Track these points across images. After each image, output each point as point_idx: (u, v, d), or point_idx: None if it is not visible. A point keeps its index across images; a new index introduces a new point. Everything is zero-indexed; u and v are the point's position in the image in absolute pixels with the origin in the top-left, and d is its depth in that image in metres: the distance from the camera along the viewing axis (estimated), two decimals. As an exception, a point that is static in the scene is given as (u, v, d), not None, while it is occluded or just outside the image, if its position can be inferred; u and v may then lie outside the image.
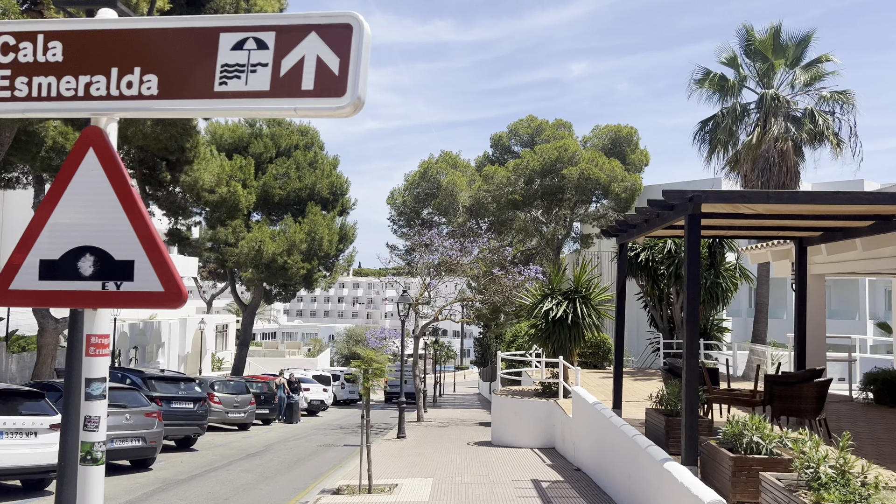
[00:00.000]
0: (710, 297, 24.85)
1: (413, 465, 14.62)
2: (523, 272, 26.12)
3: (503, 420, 17.60)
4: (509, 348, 25.49)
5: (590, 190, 38.45)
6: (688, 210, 7.88)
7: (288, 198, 36.74)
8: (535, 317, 18.09)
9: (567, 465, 13.83)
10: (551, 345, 17.79)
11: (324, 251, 35.20)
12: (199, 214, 33.50)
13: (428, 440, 19.88)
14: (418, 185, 41.33)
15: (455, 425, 25.37)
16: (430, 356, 57.38)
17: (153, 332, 42.60)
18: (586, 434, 12.66)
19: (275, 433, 23.69)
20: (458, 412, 34.08)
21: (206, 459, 16.43)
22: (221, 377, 26.88)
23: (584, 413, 12.84)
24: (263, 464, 16.01)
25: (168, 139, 19.18)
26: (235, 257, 34.54)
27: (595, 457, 11.84)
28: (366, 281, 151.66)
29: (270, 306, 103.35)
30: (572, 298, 17.61)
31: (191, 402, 17.83)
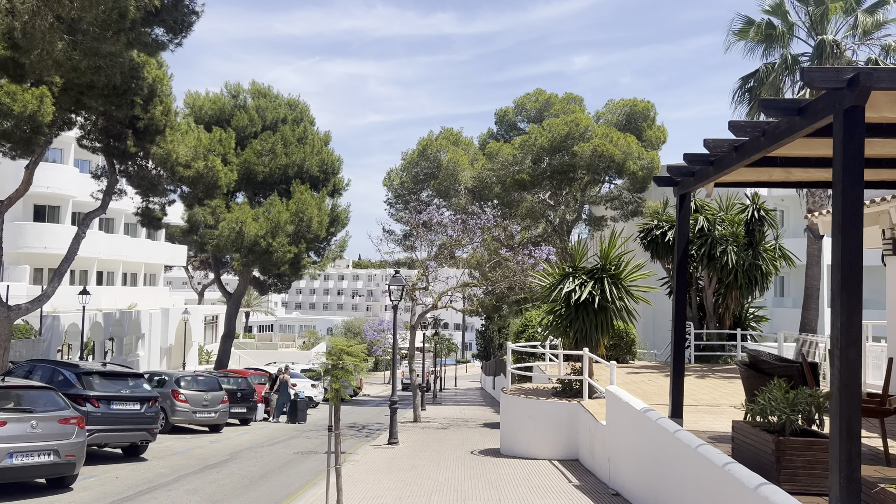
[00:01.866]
0: (748, 281, 21.77)
1: (403, 484, 11.54)
2: (534, 253, 22.99)
3: (515, 425, 14.52)
4: (518, 340, 22.38)
5: (603, 169, 35.27)
6: (843, 102, 4.76)
7: (273, 176, 33.62)
8: (554, 301, 14.99)
9: (600, 488, 10.75)
10: (573, 334, 14.69)
11: (313, 233, 32.08)
12: (175, 192, 30.38)
13: (424, 447, 16.82)
14: (417, 164, 38.13)
15: (456, 427, 22.31)
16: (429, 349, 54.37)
17: (132, 323, 39.55)
18: (631, 449, 9.58)
19: (250, 436, 20.64)
20: (460, 410, 31.02)
21: (151, 474, 13.36)
22: (189, 372, 23.80)
23: (627, 421, 9.76)
24: (219, 480, 12.94)
25: (94, 72, 15.88)
26: (215, 240, 31.47)
27: (646, 481, 8.76)
28: (366, 273, 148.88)
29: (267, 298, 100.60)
30: (599, 278, 14.50)
31: (137, 402, 14.75)
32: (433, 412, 28.99)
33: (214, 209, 32.02)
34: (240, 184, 33.57)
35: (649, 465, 8.57)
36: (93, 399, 13.97)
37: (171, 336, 43.43)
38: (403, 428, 21.36)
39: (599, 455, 11.60)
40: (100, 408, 14.01)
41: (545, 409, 14.02)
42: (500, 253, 23.49)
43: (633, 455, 9.41)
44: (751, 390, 8.26)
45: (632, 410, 9.44)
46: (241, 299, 38.81)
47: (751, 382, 8.24)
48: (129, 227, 47.86)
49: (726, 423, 10.31)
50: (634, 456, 9.36)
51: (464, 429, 21.55)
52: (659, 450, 8.12)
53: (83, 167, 40.75)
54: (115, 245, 45.04)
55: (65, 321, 33.48)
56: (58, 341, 33.01)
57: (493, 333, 70.56)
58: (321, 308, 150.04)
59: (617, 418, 10.45)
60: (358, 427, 23.88)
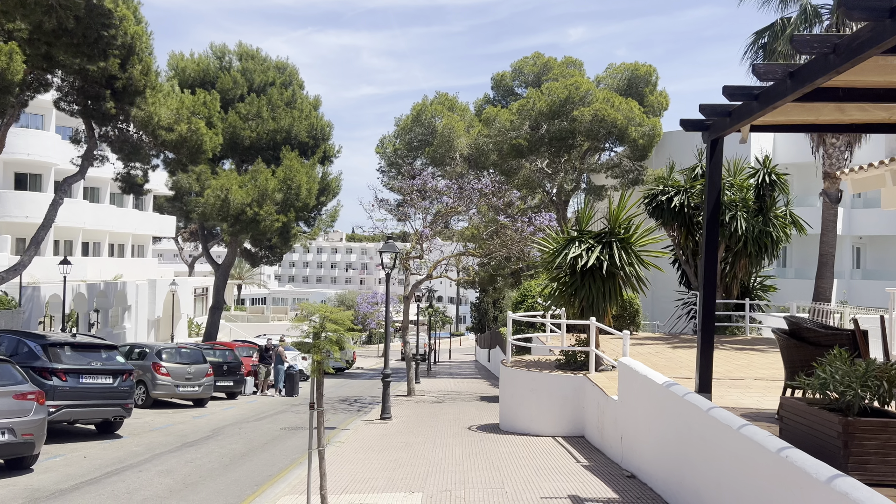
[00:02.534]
0: (758, 248, 20.78)
1: (396, 464, 10.56)
2: (534, 220, 21.89)
3: (516, 399, 13.55)
4: (517, 310, 21.38)
5: (603, 135, 34.05)
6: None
7: (260, 141, 32.28)
8: (558, 268, 13.94)
9: (612, 468, 9.80)
10: (578, 303, 13.67)
11: (302, 202, 30.85)
12: (157, 158, 29.05)
13: (419, 422, 15.87)
14: (411, 130, 36.82)
15: (452, 400, 21.41)
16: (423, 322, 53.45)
17: (117, 294, 38.40)
18: (649, 428, 8.59)
19: (236, 411, 19.68)
20: (455, 383, 30.17)
21: (123, 452, 12.36)
22: (171, 344, 22.77)
23: (645, 397, 8.76)
24: (198, 459, 11.95)
25: (45, 12, 14.50)
26: (200, 208, 30.23)
27: (669, 464, 7.78)
28: (359, 246, 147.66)
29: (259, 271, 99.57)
30: (607, 242, 13.44)
31: (109, 375, 13.70)
32: (428, 385, 28.11)
33: (199, 175, 30.76)
34: (226, 150, 32.24)
35: (673, 446, 7.59)
36: (60, 372, 12.91)
37: (159, 308, 42.33)
38: (397, 402, 20.44)
39: (610, 432, 10.64)
40: (68, 382, 12.97)
41: (549, 383, 13.05)
42: (498, 220, 22.38)
43: (653, 434, 8.43)
44: (792, 362, 7.26)
45: (651, 385, 8.44)
46: (230, 270, 37.66)
47: (792, 354, 7.23)
48: (116, 197, 46.50)
49: (756, 399, 9.34)
50: (654, 435, 8.38)
51: (460, 402, 20.65)
52: (687, 429, 7.12)
53: (65, 134, 39.21)
54: (101, 215, 43.74)
55: (46, 292, 32.33)
56: (39, 312, 31.90)
57: (487, 306, 69.70)
58: (314, 281, 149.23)
59: (631, 393, 9.45)
60: (350, 401, 22.96)
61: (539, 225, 21.70)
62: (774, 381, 10.71)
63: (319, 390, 7.34)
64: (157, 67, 26.91)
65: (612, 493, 8.33)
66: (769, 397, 9.26)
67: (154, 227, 50.62)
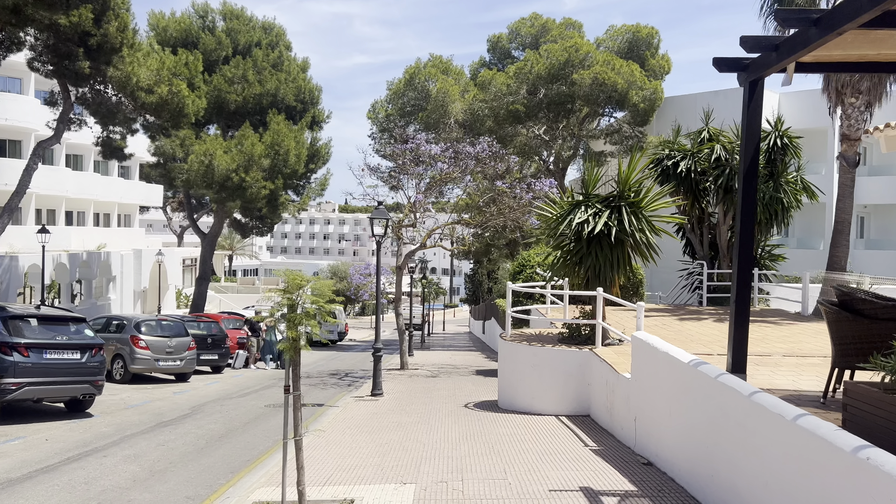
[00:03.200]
0: (768, 215, 19.80)
1: (386, 449, 9.61)
2: (534, 186, 20.79)
3: (516, 375, 12.61)
4: (515, 281, 20.38)
5: (603, 100, 32.81)
6: None
7: (246, 105, 30.90)
8: (562, 235, 12.91)
9: (624, 453, 8.87)
10: (584, 272, 12.67)
11: (290, 168, 29.60)
12: (137, 121, 27.69)
13: (412, 399, 14.95)
14: (404, 94, 35.45)
15: (447, 374, 20.51)
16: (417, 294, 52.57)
17: (101, 264, 37.21)
18: (670, 411, 7.64)
19: (220, 386, 18.73)
20: (450, 355, 29.31)
21: (90, 434, 11.38)
22: (151, 316, 21.72)
23: (666, 376, 7.80)
24: (171, 441, 10.98)
25: None
26: (184, 175, 28.97)
27: (696, 454, 6.84)
28: (352, 217, 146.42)
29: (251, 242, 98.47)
30: (616, 206, 12.40)
31: (77, 350, 12.67)
32: (421, 358, 27.24)
33: (183, 140, 29.44)
34: (210, 114, 30.88)
35: (703, 433, 6.63)
36: (21, 347, 11.87)
37: (146, 279, 41.22)
38: (389, 376, 19.55)
39: (621, 413, 9.70)
40: (30, 357, 11.93)
41: (552, 358, 12.09)
42: (496, 185, 21.26)
43: (675, 418, 7.47)
44: (842, 339, 6.28)
45: (674, 363, 7.46)
46: (217, 240, 36.49)
47: (843, 329, 6.24)
48: (100, 165, 45.09)
49: (791, 379, 8.36)
50: (677, 420, 7.42)
51: (455, 377, 19.76)
52: (721, 416, 6.15)
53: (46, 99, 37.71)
54: (85, 183, 42.37)
55: (25, 262, 31.14)
56: (17, 283, 30.73)
57: (482, 277, 68.94)
58: (307, 253, 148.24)
59: (648, 371, 8.48)
60: (340, 374, 22.05)
61: (538, 192, 20.62)
62: (805, 358, 9.77)
63: (296, 371, 6.32)
64: (136, 26, 25.45)
65: (628, 485, 7.39)
66: (805, 377, 8.30)
67: (141, 196, 49.31)
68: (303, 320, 6.09)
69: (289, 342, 6.17)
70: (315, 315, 6.17)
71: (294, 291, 6.15)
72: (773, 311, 18.83)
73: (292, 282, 6.12)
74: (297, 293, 6.12)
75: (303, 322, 6.11)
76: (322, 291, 6.25)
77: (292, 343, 6.06)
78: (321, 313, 6.17)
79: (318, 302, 6.12)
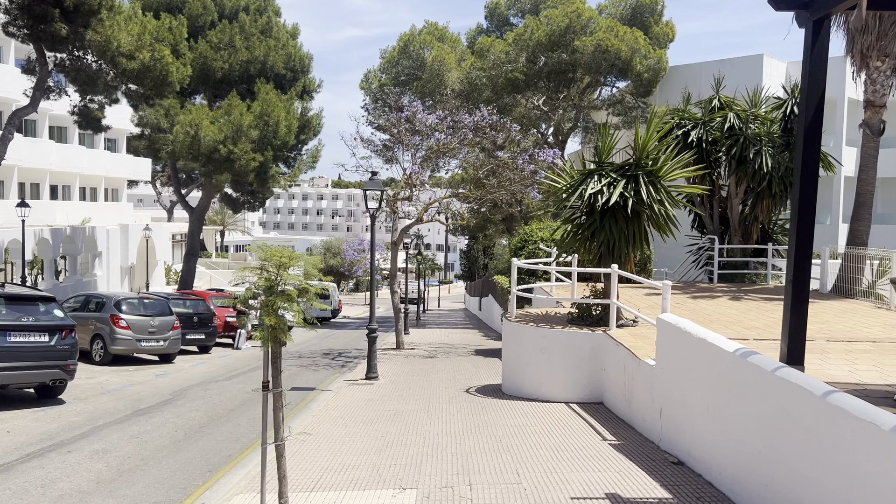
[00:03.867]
0: (783, 187, 18.79)
1: (382, 444, 8.65)
2: (537, 156, 19.68)
3: (522, 359, 11.66)
4: (517, 256, 19.37)
5: (606, 68, 31.55)
6: None
7: (233, 73, 29.56)
8: (572, 207, 11.89)
9: (648, 449, 7.95)
10: (596, 247, 11.66)
11: (280, 139, 28.37)
12: (118, 90, 26.38)
13: (409, 383, 14.00)
14: (398, 63, 34.10)
15: (445, 354, 19.60)
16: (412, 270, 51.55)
17: (86, 240, 36.00)
18: (710, 405, 6.68)
19: (206, 367, 17.77)
20: (447, 333, 28.42)
21: (58, 425, 10.40)
22: (132, 294, 20.65)
23: (703, 366, 6.83)
24: (146, 433, 10.02)
25: None
26: (169, 146, 27.72)
27: (746, 458, 5.89)
28: (346, 193, 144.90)
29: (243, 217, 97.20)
30: (633, 175, 11.36)
31: (45, 333, 11.64)
32: (417, 336, 26.34)
33: (168, 110, 28.16)
34: (196, 83, 29.55)
35: (754, 435, 5.67)
36: (-18, 330, 10.83)
37: (133, 254, 40.05)
38: (384, 357, 18.62)
39: (642, 404, 8.76)
40: (-8, 341, 10.90)
41: (562, 341, 11.13)
42: (496, 155, 20.15)
43: (715, 415, 6.52)
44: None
45: (713, 351, 6.49)
46: (205, 214, 35.30)
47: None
48: (85, 138, 43.71)
49: (848, 370, 7.31)
50: (717, 416, 6.47)
51: (453, 357, 18.84)
52: (781, 416, 5.19)
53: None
54: (69, 156, 41.02)
55: (5, 237, 29.96)
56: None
57: (477, 254, 68.04)
58: (300, 228, 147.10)
59: (679, 359, 7.52)
60: (333, 354, 21.13)
61: (542, 162, 19.53)
62: (853, 344, 8.82)
63: (276, 365, 5.32)
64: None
65: (660, 490, 6.46)
66: (861, 366, 7.35)
67: (128, 169, 47.97)
68: (283, 304, 5.07)
69: (266, 331, 5.16)
70: (299, 298, 5.15)
71: (272, 270, 5.12)
72: (788, 288, 17.93)
73: (271, 259, 5.08)
74: (276, 272, 5.09)
75: (284, 307, 5.09)
76: (307, 270, 5.23)
77: (270, 332, 5.05)
78: (307, 297, 5.15)
79: (301, 283, 5.09)
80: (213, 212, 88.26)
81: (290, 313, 5.10)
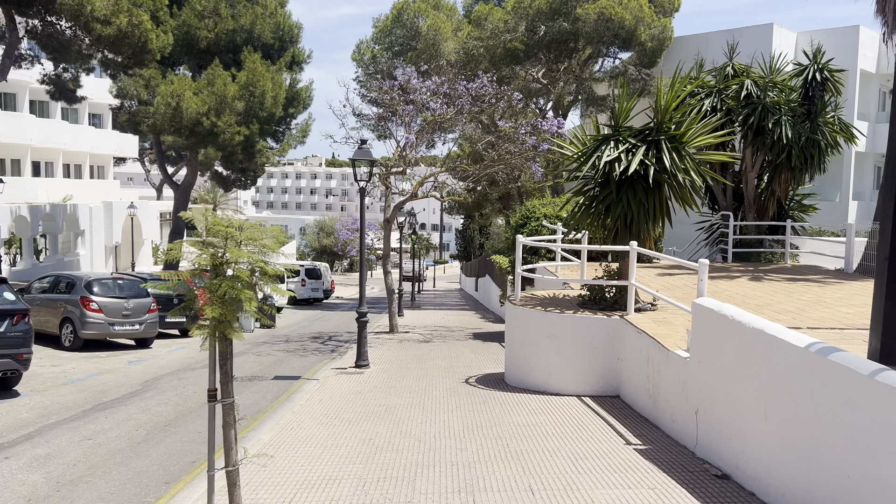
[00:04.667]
0: (803, 160, 17.56)
1: (371, 449, 7.45)
2: (540, 126, 18.35)
3: (528, 347, 10.45)
4: (519, 234, 18.09)
5: (609, 38, 30.11)
6: None
7: (219, 43, 28.02)
8: (585, 178, 10.63)
9: (682, 456, 6.77)
10: (612, 222, 10.42)
11: (267, 111, 26.91)
12: (93, 58, 24.85)
13: (403, 372, 12.80)
14: (391, 32, 32.54)
15: (441, 339, 18.42)
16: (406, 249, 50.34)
17: (67, 218, 34.58)
18: (768, 411, 5.48)
19: (185, 353, 16.53)
20: (442, 315, 27.24)
21: (2, 424, 9.15)
22: (104, 274, 19.34)
23: (759, 363, 5.61)
24: (102, 433, 8.79)
25: None
26: (150, 119, 26.26)
27: (829, 481, 4.71)
28: (339, 172, 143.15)
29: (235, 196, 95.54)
30: (654, 140, 10.09)
31: (-7, 318, 10.37)
32: (412, 318, 25.15)
33: (148, 81, 26.66)
34: (179, 52, 28.01)
35: (839, 456, 4.48)
36: (-84, 316, 9.56)
37: (118, 233, 38.65)
38: (377, 341, 17.43)
39: (672, 402, 7.56)
40: (-70, 328, 9.63)
41: (574, 327, 9.91)
42: (497, 125, 18.82)
43: (778, 423, 5.32)
44: None
45: (775, 345, 5.27)
46: (191, 192, 33.86)
47: None
48: (69, 113, 42.13)
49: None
50: (780, 425, 5.27)
51: (450, 342, 17.66)
52: (889, 437, 3.97)
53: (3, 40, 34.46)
54: (51, 131, 39.46)
55: (-21, 215, 28.55)
56: (-29, 238, 28.20)
57: (473, 233, 66.81)
58: (293, 207, 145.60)
59: (723, 352, 6.31)
60: (323, 338, 19.93)
61: (544, 132, 18.19)
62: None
63: (224, 369, 4.08)
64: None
65: (709, 515, 5.26)
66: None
67: (114, 146, 46.40)
68: (232, 289, 3.81)
69: (210, 325, 3.90)
70: (254, 281, 3.90)
71: (219, 245, 3.85)
72: (808, 267, 16.77)
73: (216, 229, 3.81)
74: (223, 246, 3.83)
75: (234, 292, 3.83)
76: (259, 238, 3.96)
77: (215, 326, 3.79)
78: (264, 278, 3.89)
79: (256, 261, 3.82)
80: (204, 191, 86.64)
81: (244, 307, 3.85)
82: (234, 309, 3.81)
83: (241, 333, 3.98)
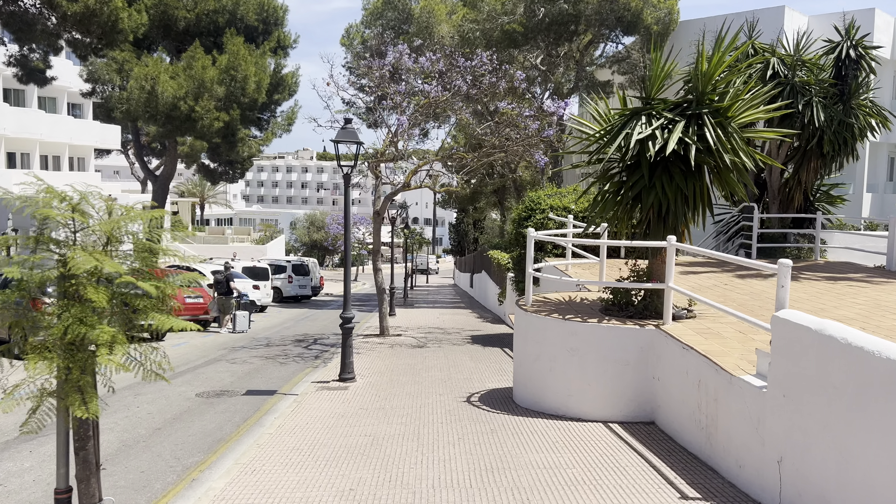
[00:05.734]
0: (835, 146, 15.97)
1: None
2: (546, 107, 16.67)
3: (544, 362, 8.77)
4: (523, 227, 16.41)
5: (613, 21, 28.45)
6: None
7: (199, 24, 26.20)
8: (609, 160, 8.95)
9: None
10: (643, 212, 8.75)
11: (249, 97, 25.12)
12: (60, 37, 22.99)
13: (393, 388, 11.11)
14: (382, 15, 30.78)
15: (437, 343, 16.74)
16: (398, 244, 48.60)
17: (40, 212, 32.67)
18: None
19: (151, 361, 14.72)
20: (437, 315, 25.56)
21: None
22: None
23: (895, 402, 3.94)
24: (18, 473, 7.08)
25: None
26: (124, 104, 24.43)
27: None
28: (331, 165, 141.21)
29: (224, 189, 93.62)
30: (695, 115, 8.42)
31: None
32: (404, 318, 23.47)
33: (122, 64, 24.82)
34: (156, 33, 26.17)
35: None
36: None
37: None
38: (365, 346, 15.76)
39: (740, 443, 5.90)
40: None
41: (600, 339, 8.24)
42: (497, 107, 17.12)
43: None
44: None
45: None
46: (169, 183, 32.05)
47: None
48: (46, 102, 40.21)
49: None
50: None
51: (447, 347, 15.98)
52: None
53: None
54: (26, 121, 37.50)
55: (-59, 208, 26.70)
56: (-68, 233, 26.36)
57: (467, 227, 65.16)
58: (284, 201, 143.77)
59: (826, 385, 4.65)
60: (307, 342, 18.24)
61: (547, 118, 16.51)
62: None
63: (82, 455, 2.36)
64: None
65: None
66: None
67: (94, 137, 44.44)
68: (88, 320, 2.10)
69: (61, 373, 2.19)
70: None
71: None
72: (843, 264, 15.17)
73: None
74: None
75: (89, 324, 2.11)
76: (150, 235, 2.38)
77: (70, 384, 2.11)
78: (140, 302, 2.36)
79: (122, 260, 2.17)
80: (192, 184, 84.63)
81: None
82: (85, 361, 2.11)
83: (95, 412, 2.28)
